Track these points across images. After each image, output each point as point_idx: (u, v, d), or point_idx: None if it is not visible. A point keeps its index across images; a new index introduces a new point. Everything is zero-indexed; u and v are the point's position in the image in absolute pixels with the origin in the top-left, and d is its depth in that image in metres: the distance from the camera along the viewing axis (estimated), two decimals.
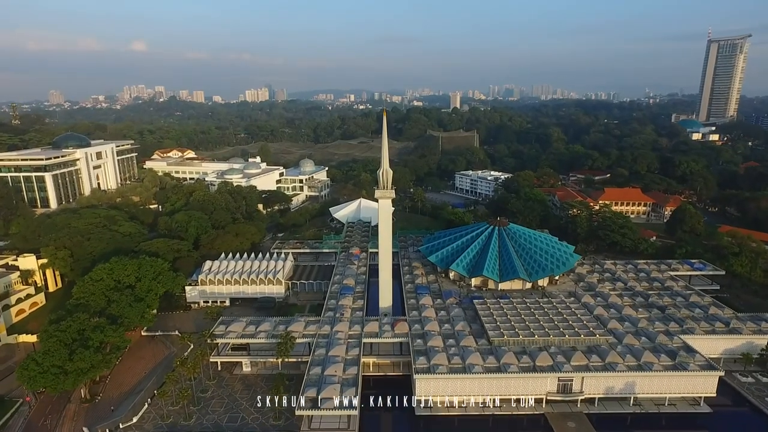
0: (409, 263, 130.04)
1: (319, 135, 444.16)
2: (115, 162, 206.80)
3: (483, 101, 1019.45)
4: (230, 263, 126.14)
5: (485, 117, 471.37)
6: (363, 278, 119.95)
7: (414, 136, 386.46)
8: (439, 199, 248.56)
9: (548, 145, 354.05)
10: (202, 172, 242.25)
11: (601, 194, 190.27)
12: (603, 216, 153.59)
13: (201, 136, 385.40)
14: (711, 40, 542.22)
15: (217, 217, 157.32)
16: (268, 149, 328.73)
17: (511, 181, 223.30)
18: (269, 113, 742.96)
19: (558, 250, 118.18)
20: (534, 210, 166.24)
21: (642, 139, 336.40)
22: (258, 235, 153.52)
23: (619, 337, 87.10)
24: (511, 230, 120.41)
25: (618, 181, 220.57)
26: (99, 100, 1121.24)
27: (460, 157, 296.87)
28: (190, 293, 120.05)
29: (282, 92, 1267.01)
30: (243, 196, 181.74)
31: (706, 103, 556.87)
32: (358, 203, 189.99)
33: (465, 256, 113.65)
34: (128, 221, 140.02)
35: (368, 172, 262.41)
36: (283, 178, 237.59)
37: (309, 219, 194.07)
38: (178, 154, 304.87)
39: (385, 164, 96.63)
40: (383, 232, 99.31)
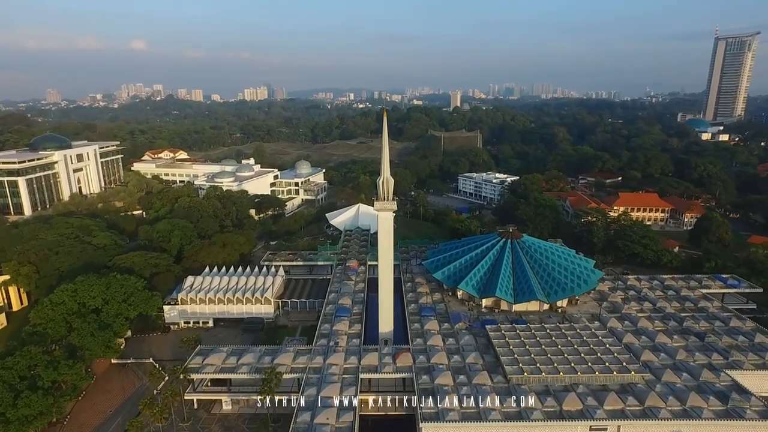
0: (411, 278, 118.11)
1: (317, 135, 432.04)
2: (98, 164, 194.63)
3: (483, 100, 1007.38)
4: (214, 279, 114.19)
5: (487, 116, 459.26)
6: (361, 297, 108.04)
7: (415, 136, 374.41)
8: (441, 203, 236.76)
9: (554, 146, 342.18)
10: (193, 175, 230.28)
11: (615, 200, 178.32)
12: (621, 225, 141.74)
13: (195, 136, 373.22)
14: (718, 37, 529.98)
15: (203, 226, 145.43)
16: (263, 150, 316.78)
17: (518, 185, 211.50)
18: (267, 112, 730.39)
19: (578, 266, 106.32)
20: (545, 217, 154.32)
21: (651, 140, 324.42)
22: (247, 246, 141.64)
23: (657, 372, 75.27)
24: (526, 243, 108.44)
25: (631, 185, 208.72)
26: (96, 99, 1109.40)
27: (463, 159, 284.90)
28: (169, 313, 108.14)
29: (281, 91, 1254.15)
30: (233, 202, 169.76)
31: (713, 102, 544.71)
32: (356, 209, 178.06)
33: (474, 274, 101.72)
34: (104, 231, 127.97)
35: (367, 174, 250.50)
36: (278, 181, 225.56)
37: (304, 225, 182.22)
38: (169, 155, 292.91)
39: (386, 172, 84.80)
40: (383, 250, 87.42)
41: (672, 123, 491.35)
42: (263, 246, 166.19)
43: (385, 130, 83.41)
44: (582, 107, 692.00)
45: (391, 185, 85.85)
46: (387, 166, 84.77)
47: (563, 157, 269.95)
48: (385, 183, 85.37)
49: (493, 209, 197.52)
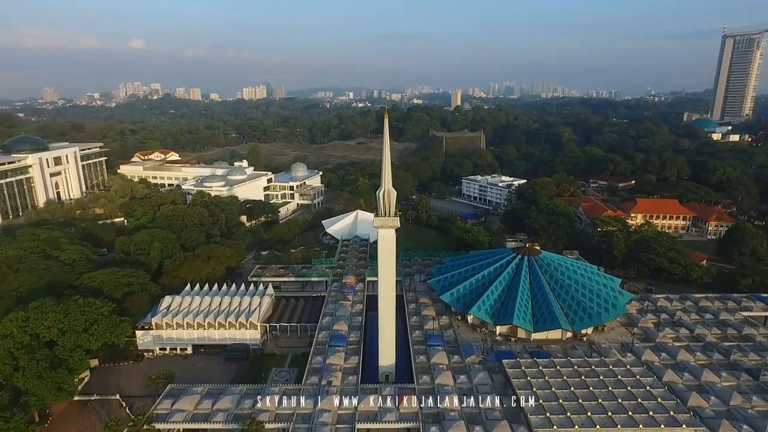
0: (415, 297, 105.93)
1: (315, 135, 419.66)
2: (78, 168, 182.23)
3: (484, 99, 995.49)
4: (194, 299, 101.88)
5: (490, 116, 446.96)
6: (359, 321, 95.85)
7: (415, 137, 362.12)
8: (444, 208, 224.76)
9: (559, 147, 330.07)
10: (182, 178, 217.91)
11: (632, 206, 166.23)
12: (644, 235, 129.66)
13: (188, 136, 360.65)
14: (726, 35, 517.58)
15: (187, 237, 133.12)
16: (258, 150, 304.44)
17: (526, 189, 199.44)
18: (265, 111, 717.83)
19: (603, 286, 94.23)
20: (559, 226, 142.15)
21: (661, 140, 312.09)
22: (234, 258, 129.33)
23: (711, 424, 63.16)
24: (544, 261, 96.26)
25: (647, 189, 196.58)
26: (94, 98, 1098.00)
27: (466, 160, 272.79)
28: (143, 339, 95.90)
29: (280, 90, 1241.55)
30: (222, 209, 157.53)
31: (720, 102, 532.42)
32: (354, 216, 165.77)
33: (488, 297, 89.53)
34: (75, 244, 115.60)
35: (366, 177, 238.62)
36: (272, 185, 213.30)
37: (298, 233, 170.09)
38: (160, 156, 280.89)
39: (387, 182, 72.63)
40: (384, 273, 75.31)
41: (679, 123, 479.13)
42: (254, 256, 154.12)
43: (386, 134, 71.31)
44: (584, 106, 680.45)
45: (393, 198, 73.69)
46: (389, 175, 72.61)
47: (571, 159, 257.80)
48: (387, 195, 73.23)
49: (501, 216, 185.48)
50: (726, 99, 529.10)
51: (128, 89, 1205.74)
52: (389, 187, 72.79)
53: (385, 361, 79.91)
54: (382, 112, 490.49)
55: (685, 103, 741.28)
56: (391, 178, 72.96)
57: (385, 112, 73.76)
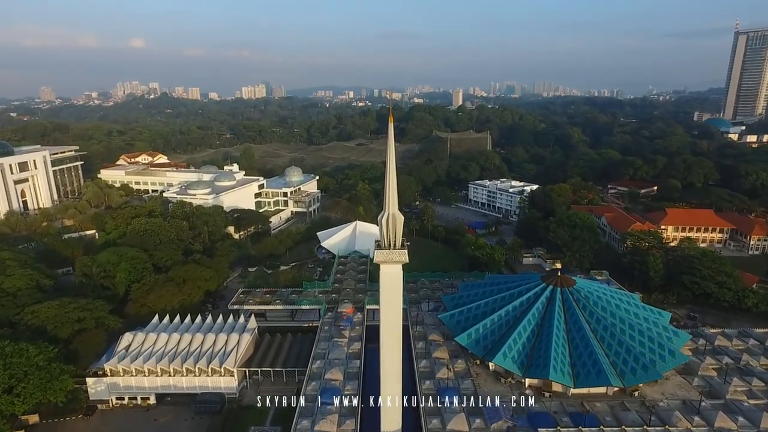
0: (423, 333, 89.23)
1: (312, 135, 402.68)
2: (48, 174, 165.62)
3: (485, 98, 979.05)
4: (161, 337, 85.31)
5: (495, 116, 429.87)
6: (356, 366, 79.19)
7: (418, 138, 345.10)
8: (450, 215, 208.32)
9: (569, 148, 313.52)
10: (167, 184, 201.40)
11: (662, 216, 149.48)
12: (685, 254, 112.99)
13: (179, 137, 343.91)
14: (739, 32, 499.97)
15: (161, 255, 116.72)
16: (252, 152, 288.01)
17: (540, 196, 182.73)
18: (263, 111, 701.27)
19: (653, 324, 77.68)
20: (584, 242, 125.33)
21: (677, 141, 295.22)
22: (215, 281, 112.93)
23: None
24: (581, 293, 79.57)
25: (673, 196, 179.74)
26: (92, 97, 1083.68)
27: (473, 163, 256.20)
28: (95, 387, 79.43)
29: (280, 89, 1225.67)
30: (204, 221, 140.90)
31: (732, 100, 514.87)
32: (353, 228, 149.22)
33: (514, 342, 72.82)
34: (25, 268, 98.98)
35: (366, 181, 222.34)
36: (264, 191, 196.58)
37: (291, 247, 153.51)
38: (147, 158, 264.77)
39: (392, 206, 56.12)
40: (388, 318, 58.84)
41: (690, 122, 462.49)
42: (240, 274, 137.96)
43: (390, 147, 54.91)
44: (589, 106, 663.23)
45: (399, 225, 57.15)
46: (394, 197, 56.09)
47: (585, 162, 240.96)
48: (391, 221, 56.68)
49: (516, 228, 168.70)
50: (738, 98, 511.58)
51: (126, 88, 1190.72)
52: (394, 211, 56.23)
53: (389, 426, 63.38)
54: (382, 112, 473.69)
55: (692, 102, 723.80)
56: (396, 200, 56.36)
57: (390, 117, 56.69)
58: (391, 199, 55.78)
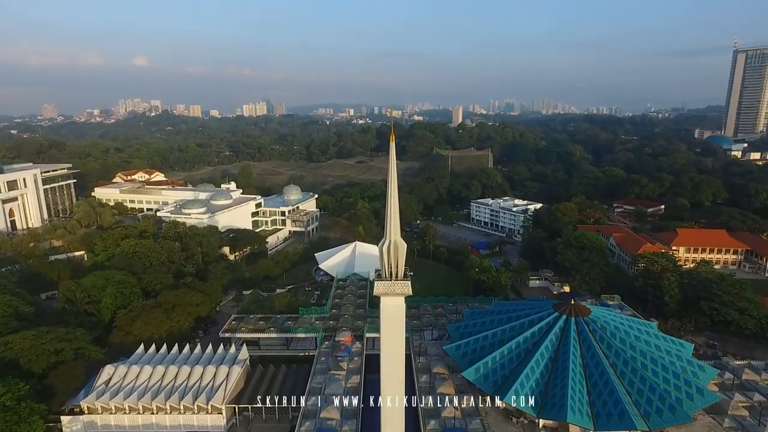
0: (427, 365, 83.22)
1: (312, 153, 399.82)
2: (39, 193, 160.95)
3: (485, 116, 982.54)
4: (144, 370, 79.22)
5: (496, 133, 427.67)
6: (354, 402, 73.03)
7: (419, 155, 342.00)
8: (452, 235, 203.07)
9: (571, 166, 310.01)
10: (162, 202, 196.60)
11: (672, 237, 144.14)
12: (701, 278, 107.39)
13: (178, 155, 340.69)
14: (738, 50, 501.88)
15: (150, 279, 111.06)
16: (250, 170, 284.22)
17: (545, 215, 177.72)
18: (264, 128, 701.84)
19: (676, 358, 71.82)
20: (594, 265, 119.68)
21: (681, 159, 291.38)
22: (206, 306, 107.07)
23: None
24: (597, 323, 73.89)
25: (681, 215, 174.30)
26: (93, 114, 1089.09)
27: (475, 181, 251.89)
28: (71, 427, 73.20)
29: (281, 106, 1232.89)
30: (198, 242, 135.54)
31: (733, 118, 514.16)
32: (352, 249, 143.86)
33: (526, 378, 66.92)
34: (4, 293, 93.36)
35: (366, 200, 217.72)
36: (261, 210, 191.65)
37: (288, 268, 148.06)
38: (144, 176, 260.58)
39: (394, 233, 51.05)
40: (390, 357, 53.19)
41: (691, 140, 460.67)
42: (234, 297, 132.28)
43: (392, 167, 50.06)
44: (589, 123, 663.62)
45: (401, 253, 51.97)
46: (396, 223, 51.04)
47: (590, 181, 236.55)
48: (393, 250, 51.51)
49: (521, 249, 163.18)
50: (739, 115, 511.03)
51: (128, 106, 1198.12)
52: (396, 238, 51.10)
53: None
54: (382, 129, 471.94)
55: (692, 120, 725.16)
56: (398, 226, 51.25)
57: (392, 136, 51.69)
58: (393, 226, 50.72)
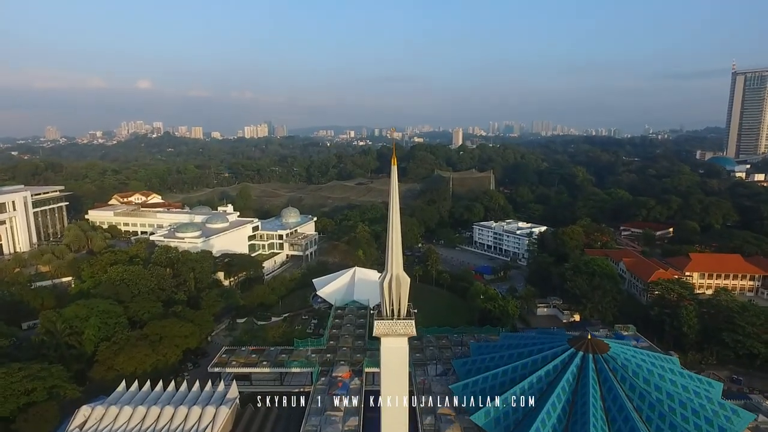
0: (432, 406, 76.53)
1: (312, 174, 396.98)
2: (29, 215, 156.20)
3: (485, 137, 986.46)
4: (123, 411, 72.64)
5: (497, 154, 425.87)
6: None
7: (420, 177, 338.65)
8: (455, 258, 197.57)
9: (575, 188, 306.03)
10: (157, 225, 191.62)
11: (685, 262, 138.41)
12: (721, 307, 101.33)
13: (176, 176, 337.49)
14: (736, 72, 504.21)
15: (138, 308, 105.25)
16: (248, 192, 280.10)
17: (551, 239, 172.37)
18: (264, 150, 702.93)
19: (705, 400, 65.36)
20: (606, 292, 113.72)
21: (686, 180, 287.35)
22: (195, 337, 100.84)
23: None
24: (617, 361, 67.73)
25: (691, 239, 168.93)
26: (96, 136, 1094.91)
27: (477, 203, 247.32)
28: None
29: (282, 128, 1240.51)
30: (191, 267, 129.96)
31: (734, 139, 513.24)
32: (351, 274, 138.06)
33: (542, 424, 60.46)
34: None
35: (366, 222, 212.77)
36: (258, 233, 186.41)
37: (284, 295, 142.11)
38: (141, 198, 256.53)
39: (396, 266, 45.74)
40: (391, 417, 47.19)
41: (693, 161, 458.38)
42: (227, 326, 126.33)
43: (395, 193, 44.83)
44: (589, 144, 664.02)
45: (404, 289, 46.53)
46: (398, 255, 45.77)
47: (594, 203, 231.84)
48: (395, 285, 46.04)
49: (527, 274, 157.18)
50: (740, 136, 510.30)
51: (131, 128, 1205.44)
52: (399, 272, 45.73)
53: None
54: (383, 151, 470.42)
55: (692, 141, 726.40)
56: (401, 259, 45.90)
57: (393, 159, 46.68)
58: (395, 258, 45.43)
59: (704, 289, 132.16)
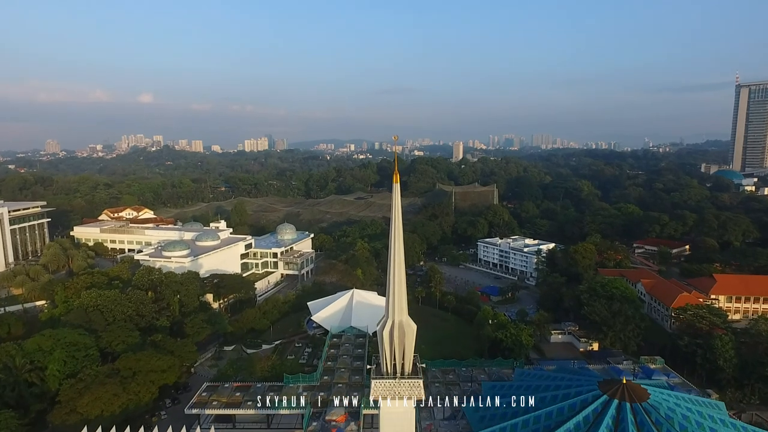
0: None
1: (311, 188, 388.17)
2: (5, 233, 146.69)
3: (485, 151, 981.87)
4: None
5: (500, 168, 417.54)
6: None
7: (421, 191, 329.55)
8: (459, 277, 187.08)
9: (580, 202, 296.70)
10: (144, 242, 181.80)
11: (710, 284, 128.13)
12: (762, 337, 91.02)
13: (171, 191, 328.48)
14: (740, 85, 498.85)
15: (111, 338, 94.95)
16: (243, 207, 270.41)
17: (562, 257, 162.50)
18: (263, 163, 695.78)
19: None
20: (628, 320, 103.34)
21: (696, 195, 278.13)
22: (174, 371, 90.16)
23: None
24: (659, 411, 57.44)
25: (711, 257, 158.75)
26: (96, 149, 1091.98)
27: (480, 219, 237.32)
28: None
29: (282, 142, 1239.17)
30: (175, 290, 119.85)
31: (739, 152, 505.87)
32: (349, 297, 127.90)
33: None
34: None
35: (366, 239, 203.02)
36: (252, 251, 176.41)
37: (276, 319, 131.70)
38: (132, 213, 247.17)
39: (399, 312, 35.96)
40: None
41: (698, 174, 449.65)
42: (213, 354, 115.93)
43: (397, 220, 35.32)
44: (591, 157, 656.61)
45: (410, 339, 36.72)
46: (401, 296, 36.00)
47: (603, 218, 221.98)
48: (398, 334, 36.22)
49: (538, 297, 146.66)
50: (745, 149, 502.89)
51: (131, 141, 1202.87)
52: (402, 318, 35.95)
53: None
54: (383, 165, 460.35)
55: (694, 154, 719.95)
56: (405, 303, 36.16)
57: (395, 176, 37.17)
58: (397, 301, 35.78)
59: (731, 313, 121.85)
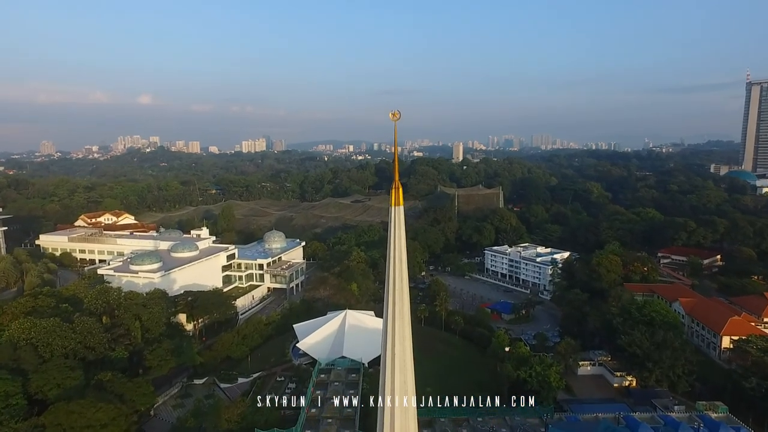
0: None
1: (306, 191, 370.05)
2: None
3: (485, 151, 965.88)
4: None
5: (504, 169, 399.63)
6: None
7: (422, 194, 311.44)
8: (465, 290, 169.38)
9: (590, 205, 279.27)
10: (116, 252, 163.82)
11: (763, 304, 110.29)
12: None
13: (156, 194, 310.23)
14: (751, 82, 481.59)
15: (42, 381, 76.80)
16: (231, 211, 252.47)
17: (581, 269, 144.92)
18: (259, 164, 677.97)
19: None
20: (677, 353, 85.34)
21: (716, 197, 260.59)
22: (118, 426, 71.88)
23: None
24: None
25: (751, 269, 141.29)
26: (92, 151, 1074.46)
27: (486, 224, 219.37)
28: None
29: (280, 143, 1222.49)
30: (135, 315, 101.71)
31: (751, 152, 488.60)
32: (341, 320, 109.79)
33: None
34: None
35: (362, 247, 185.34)
36: (235, 263, 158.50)
37: (257, 345, 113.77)
38: (111, 218, 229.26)
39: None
40: None
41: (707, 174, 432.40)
42: (180, 391, 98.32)
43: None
44: (594, 158, 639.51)
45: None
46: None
47: (621, 224, 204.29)
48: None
49: (557, 316, 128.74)
50: (757, 149, 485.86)
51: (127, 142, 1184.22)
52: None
53: None
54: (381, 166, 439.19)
55: (699, 154, 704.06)
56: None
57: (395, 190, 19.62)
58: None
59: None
